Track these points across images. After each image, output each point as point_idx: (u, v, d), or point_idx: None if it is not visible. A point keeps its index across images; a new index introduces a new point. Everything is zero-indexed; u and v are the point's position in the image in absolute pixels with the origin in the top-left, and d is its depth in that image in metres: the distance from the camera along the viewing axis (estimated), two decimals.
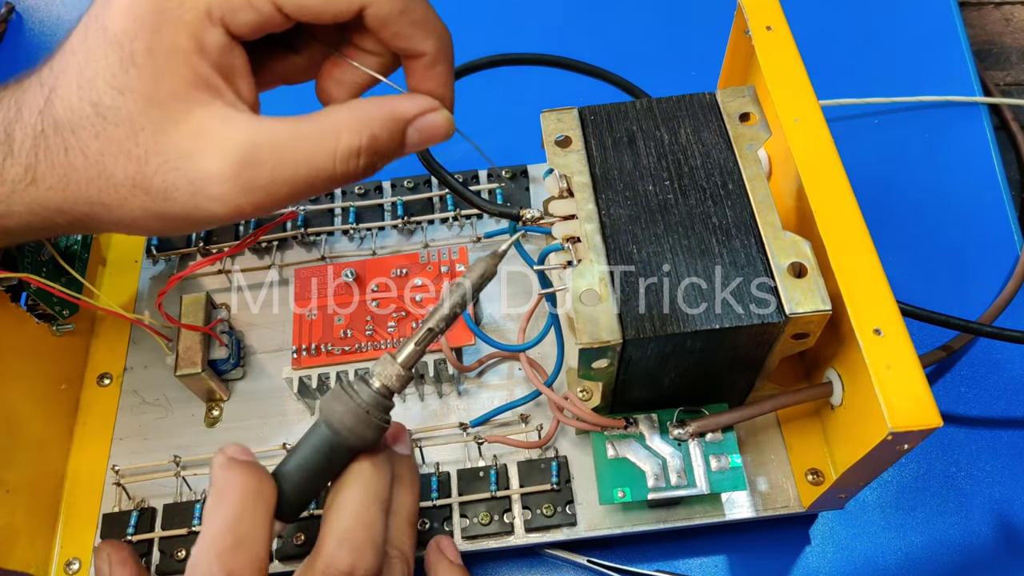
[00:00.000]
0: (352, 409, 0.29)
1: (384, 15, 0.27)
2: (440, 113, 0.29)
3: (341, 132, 0.27)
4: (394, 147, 0.29)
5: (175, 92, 0.26)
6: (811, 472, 0.38)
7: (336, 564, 0.29)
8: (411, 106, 0.29)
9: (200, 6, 0.25)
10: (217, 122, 0.26)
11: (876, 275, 0.31)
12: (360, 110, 0.28)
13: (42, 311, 0.39)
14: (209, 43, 0.26)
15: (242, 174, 0.26)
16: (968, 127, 0.54)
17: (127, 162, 0.26)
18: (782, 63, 0.36)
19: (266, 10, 0.26)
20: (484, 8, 0.61)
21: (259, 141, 0.26)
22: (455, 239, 0.46)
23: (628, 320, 0.31)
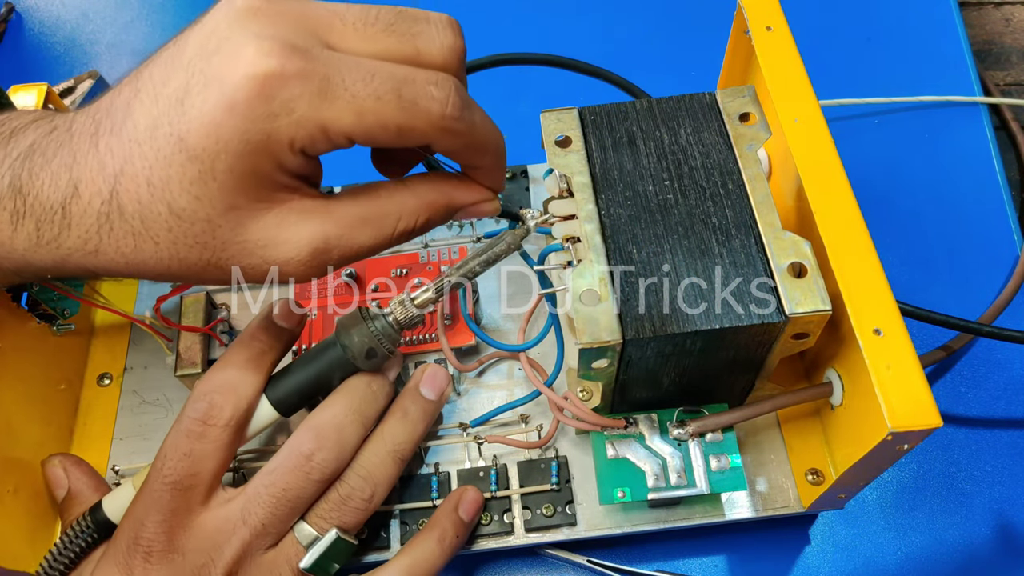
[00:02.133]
0: (362, 332, 0.33)
1: (448, 150, 0.29)
2: (491, 204, 0.32)
3: (401, 215, 0.29)
4: (442, 223, 0.31)
5: (255, 198, 0.27)
6: (811, 472, 0.38)
7: (298, 446, 0.33)
8: (467, 197, 0.31)
9: (283, 140, 0.26)
10: (295, 216, 0.28)
11: (876, 275, 0.31)
12: (419, 194, 0.30)
13: (42, 311, 0.39)
14: (289, 166, 0.27)
15: (315, 259, 0.28)
16: (968, 127, 0.54)
17: (203, 250, 0.28)
18: (782, 63, 0.36)
19: (341, 143, 0.27)
20: (484, 8, 0.61)
21: (329, 232, 0.28)
22: (455, 239, 0.46)
23: (628, 320, 0.31)
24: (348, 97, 0.26)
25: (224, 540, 0.32)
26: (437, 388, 0.37)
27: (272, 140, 0.26)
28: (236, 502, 0.32)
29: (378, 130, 0.26)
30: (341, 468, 0.33)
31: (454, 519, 0.36)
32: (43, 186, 0.27)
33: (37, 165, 0.28)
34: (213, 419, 0.32)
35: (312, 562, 0.33)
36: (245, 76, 0.25)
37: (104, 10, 0.65)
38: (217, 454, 0.32)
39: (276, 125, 0.25)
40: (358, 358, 0.34)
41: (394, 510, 0.38)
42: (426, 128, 0.27)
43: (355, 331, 0.33)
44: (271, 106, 0.25)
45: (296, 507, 0.33)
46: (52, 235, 0.27)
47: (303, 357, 0.35)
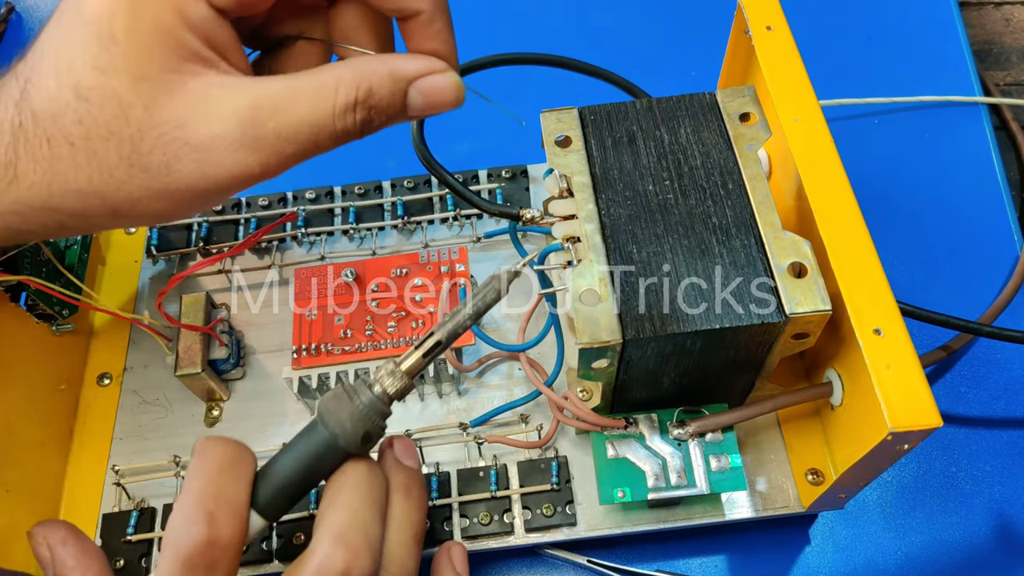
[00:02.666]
0: (350, 411, 0.29)
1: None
2: (447, 75, 0.28)
3: (339, 85, 0.26)
4: (395, 106, 0.28)
5: (165, 66, 0.25)
6: (811, 472, 0.38)
7: (331, 564, 0.27)
8: (413, 64, 0.28)
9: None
10: (215, 88, 0.25)
11: (876, 275, 0.31)
12: (358, 64, 0.27)
13: (42, 311, 0.39)
14: (195, 16, 0.25)
15: (246, 134, 0.25)
16: (968, 127, 0.54)
17: (119, 142, 0.25)
18: (782, 63, 0.36)
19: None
20: (484, 8, 0.61)
21: (258, 102, 0.26)
22: (455, 239, 0.46)
23: (628, 320, 0.31)
24: None
25: None
26: (415, 455, 0.33)
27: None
28: None
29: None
30: (377, 569, 0.29)
31: None
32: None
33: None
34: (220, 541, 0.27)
35: None
36: None
37: None
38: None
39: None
40: (352, 444, 0.29)
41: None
42: None
43: (344, 414, 0.29)
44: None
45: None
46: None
47: (284, 453, 0.30)
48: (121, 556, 0.38)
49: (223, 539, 0.27)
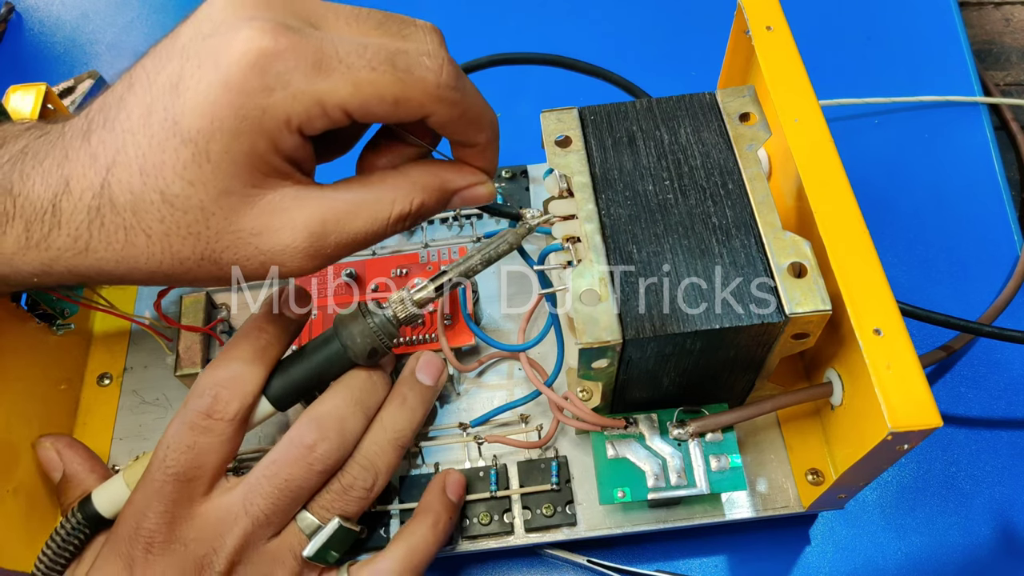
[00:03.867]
0: (360, 328, 0.33)
1: (444, 121, 0.29)
2: (487, 186, 0.31)
3: (395, 199, 0.29)
4: (438, 210, 0.31)
5: (249, 182, 0.27)
6: (811, 472, 0.38)
7: (299, 437, 0.32)
8: (461, 179, 0.31)
9: (280, 116, 0.26)
10: (289, 200, 0.28)
11: (876, 275, 0.31)
12: (412, 178, 0.30)
13: (42, 311, 0.39)
14: (285, 146, 0.27)
15: (312, 245, 0.28)
16: (968, 127, 0.54)
17: (196, 242, 0.27)
18: (782, 63, 0.36)
19: (337, 117, 0.27)
20: (484, 8, 0.61)
21: (326, 216, 0.28)
22: (455, 239, 0.46)
23: (628, 320, 0.31)
24: (343, 69, 0.26)
25: (226, 530, 0.32)
26: (433, 374, 0.37)
27: (268, 116, 0.26)
28: (237, 492, 0.32)
29: (375, 101, 0.26)
30: (343, 458, 0.34)
31: (445, 502, 0.36)
32: (33, 185, 0.27)
33: (28, 166, 0.27)
34: (219, 413, 0.32)
35: (315, 551, 0.33)
36: (240, 52, 0.25)
37: (104, 10, 0.65)
38: (222, 448, 0.32)
39: (272, 100, 0.25)
40: (359, 356, 0.33)
41: (392, 510, 0.38)
42: (422, 97, 0.27)
43: (356, 329, 0.33)
44: (266, 79, 0.25)
45: (298, 497, 0.33)
46: (42, 235, 0.27)
47: (300, 352, 0.34)
48: None
49: (220, 412, 0.32)
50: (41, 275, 0.28)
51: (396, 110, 0.27)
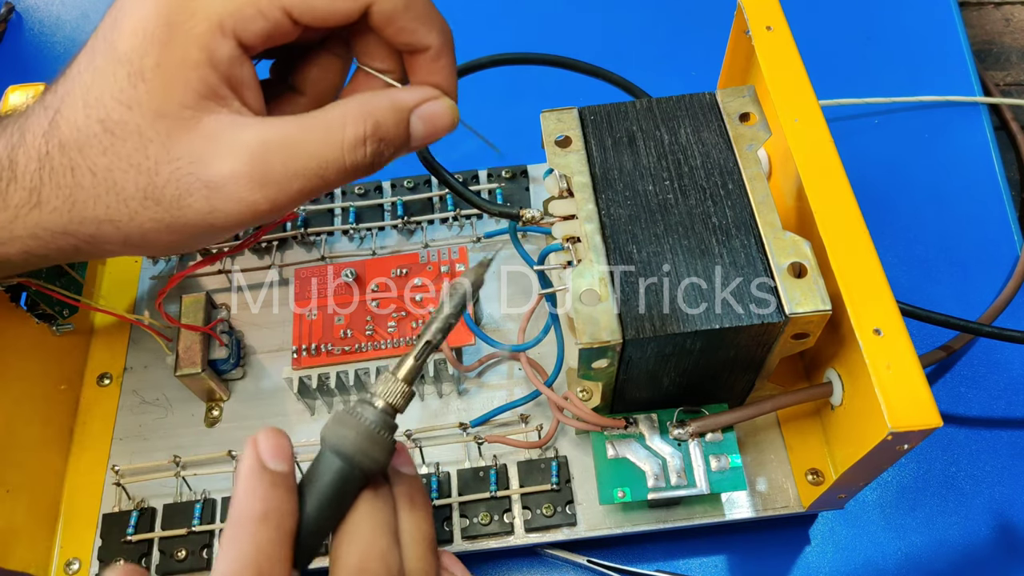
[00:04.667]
0: (364, 432, 0.27)
1: (389, 11, 0.28)
2: (442, 100, 0.30)
3: (346, 122, 0.27)
4: (400, 136, 0.29)
5: (184, 102, 0.26)
6: (811, 472, 0.38)
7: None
8: (412, 95, 0.29)
9: (212, 18, 0.26)
10: (226, 126, 0.26)
11: (876, 275, 0.31)
12: (362, 100, 0.28)
13: (42, 311, 0.39)
14: (219, 54, 0.26)
15: (255, 170, 0.26)
16: (968, 127, 0.54)
17: (137, 175, 0.26)
18: (782, 63, 0.36)
19: (275, 16, 0.26)
20: (484, 8, 0.61)
21: (269, 138, 0.26)
22: (455, 239, 0.46)
23: (628, 320, 0.31)
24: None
25: None
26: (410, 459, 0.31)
27: (198, 18, 0.25)
28: None
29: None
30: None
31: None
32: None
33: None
34: None
35: None
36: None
37: (104, 10, 0.65)
38: None
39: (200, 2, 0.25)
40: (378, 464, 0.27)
41: None
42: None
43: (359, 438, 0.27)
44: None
45: None
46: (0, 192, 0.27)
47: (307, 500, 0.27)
48: (121, 556, 0.38)
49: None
50: (4, 240, 0.28)
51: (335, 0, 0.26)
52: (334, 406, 0.42)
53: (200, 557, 0.38)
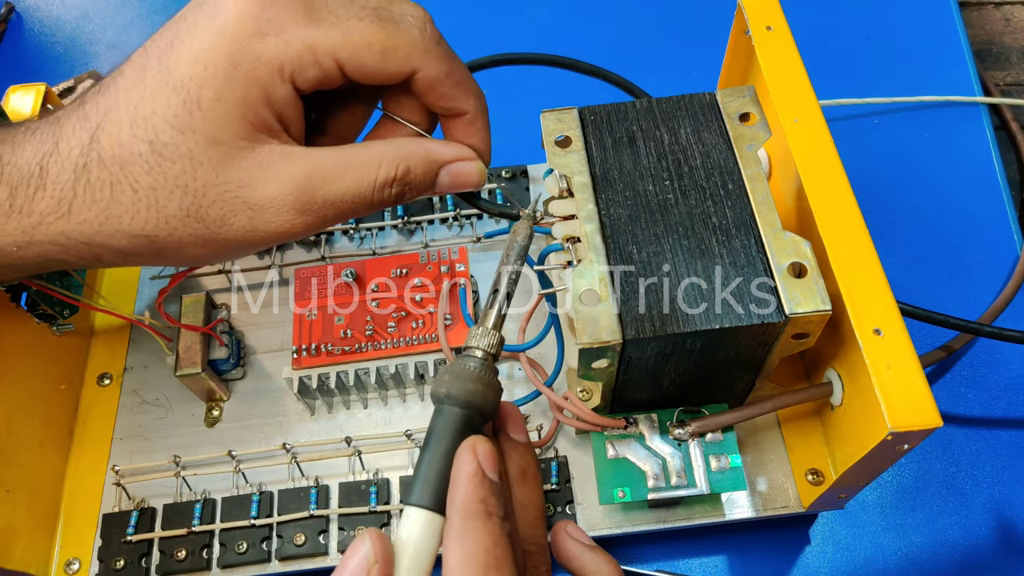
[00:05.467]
0: (475, 377, 0.27)
1: (433, 78, 0.29)
2: (475, 163, 0.32)
3: (381, 163, 0.29)
4: (426, 184, 0.31)
5: (239, 134, 0.27)
6: (811, 472, 0.38)
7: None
8: (447, 151, 0.31)
9: (274, 63, 0.27)
10: (276, 156, 0.28)
11: (876, 275, 0.31)
12: (399, 145, 0.30)
13: (42, 311, 0.39)
14: (276, 95, 0.27)
15: (299, 199, 0.28)
16: (968, 127, 0.54)
17: (183, 195, 0.27)
18: (782, 63, 0.36)
19: (329, 68, 0.28)
20: (484, 8, 0.61)
21: (312, 171, 0.28)
22: (455, 239, 0.46)
23: (628, 320, 0.31)
24: (332, 18, 0.27)
25: None
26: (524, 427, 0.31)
27: (261, 61, 0.26)
28: None
29: (364, 50, 0.27)
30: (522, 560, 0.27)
31: None
32: (23, 153, 0.27)
33: (21, 136, 0.28)
34: None
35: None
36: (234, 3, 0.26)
37: (104, 10, 0.65)
38: None
39: (265, 45, 0.26)
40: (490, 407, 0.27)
41: (393, 510, 0.38)
42: (409, 48, 0.28)
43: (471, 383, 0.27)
44: (259, 25, 0.26)
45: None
46: (26, 198, 0.27)
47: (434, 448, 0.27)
48: (121, 556, 0.38)
49: None
50: (22, 245, 0.28)
51: (384, 61, 0.28)
52: (334, 406, 0.42)
53: (200, 557, 0.38)
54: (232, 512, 0.39)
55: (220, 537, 0.38)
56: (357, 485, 0.39)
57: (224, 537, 0.38)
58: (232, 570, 0.38)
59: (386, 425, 0.41)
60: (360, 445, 0.40)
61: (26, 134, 0.28)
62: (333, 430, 0.41)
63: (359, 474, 0.40)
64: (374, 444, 0.40)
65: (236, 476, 0.39)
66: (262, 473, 0.40)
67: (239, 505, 0.39)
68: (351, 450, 0.39)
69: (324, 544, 0.38)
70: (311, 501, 0.38)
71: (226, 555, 0.38)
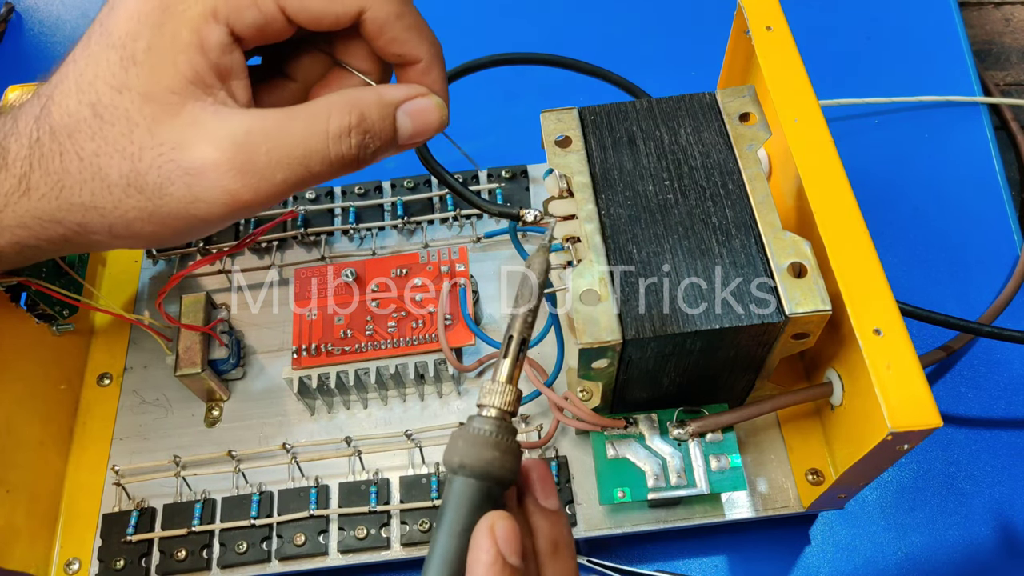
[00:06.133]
0: (491, 443, 0.25)
1: (382, 19, 0.28)
2: (430, 98, 0.29)
3: (331, 112, 0.27)
4: (386, 130, 0.29)
5: (171, 87, 0.26)
6: (811, 472, 0.38)
7: None
8: (399, 91, 0.29)
9: (207, 3, 0.26)
10: (211, 114, 0.26)
11: (876, 275, 0.31)
12: (348, 93, 0.28)
13: (42, 311, 0.39)
14: (210, 40, 0.26)
15: (236, 157, 0.26)
16: (968, 127, 0.54)
17: (121, 160, 0.26)
18: (782, 63, 0.36)
19: (269, 11, 0.26)
20: (484, 8, 0.61)
21: (252, 127, 0.26)
22: (455, 239, 0.46)
23: (628, 320, 0.31)
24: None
25: None
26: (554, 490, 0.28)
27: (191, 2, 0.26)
28: None
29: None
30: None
31: None
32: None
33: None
34: None
35: None
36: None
37: None
38: None
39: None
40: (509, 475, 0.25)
41: (392, 511, 0.38)
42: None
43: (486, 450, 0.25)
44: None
45: None
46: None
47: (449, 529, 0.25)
48: (121, 556, 0.38)
49: None
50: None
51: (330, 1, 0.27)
52: (334, 406, 0.42)
53: (200, 557, 0.38)
54: (232, 512, 0.39)
55: (220, 537, 0.38)
56: (357, 485, 0.39)
57: (224, 537, 0.38)
58: (232, 570, 0.38)
59: (386, 425, 0.41)
60: (360, 445, 0.40)
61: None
62: (333, 430, 0.41)
63: (359, 474, 0.40)
64: (374, 444, 0.40)
65: (236, 476, 0.39)
66: (262, 473, 0.40)
67: (239, 505, 0.39)
68: (351, 450, 0.39)
69: (324, 544, 0.38)
70: (311, 501, 0.38)
71: (226, 555, 0.38)
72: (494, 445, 0.25)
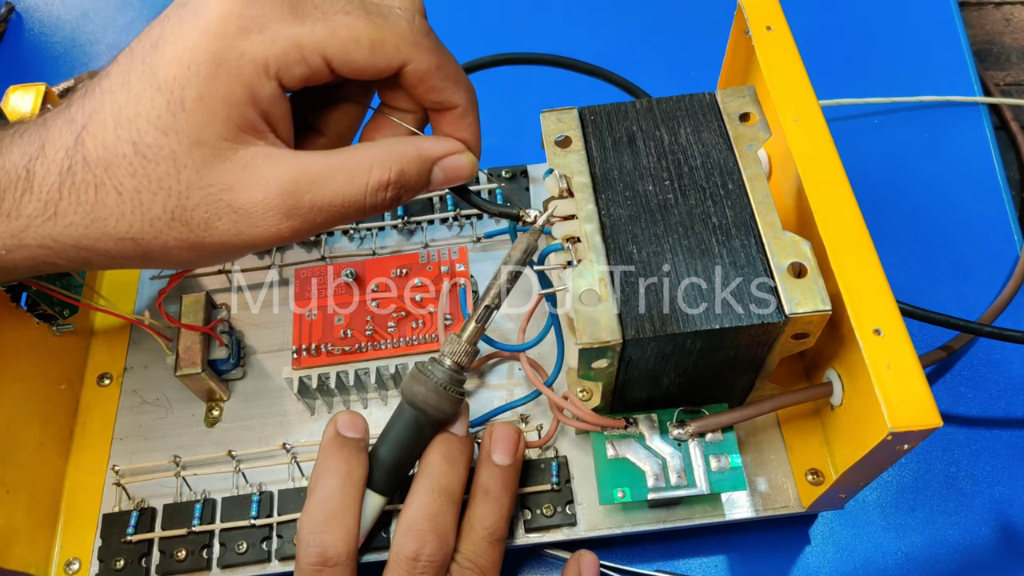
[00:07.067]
0: (432, 387, 0.33)
1: (423, 71, 0.29)
2: (465, 155, 0.31)
3: (372, 166, 0.29)
4: (420, 184, 0.31)
5: (223, 134, 0.27)
6: (811, 472, 0.38)
7: (402, 551, 0.32)
8: (438, 147, 0.31)
9: (259, 59, 0.26)
10: (261, 159, 0.27)
11: (876, 275, 0.31)
12: (390, 146, 0.30)
13: (42, 311, 0.39)
14: (262, 94, 0.27)
15: (284, 203, 0.28)
16: (968, 127, 0.54)
17: (167, 197, 0.27)
18: (782, 63, 0.36)
19: (316, 63, 0.27)
20: (484, 8, 0.61)
21: (299, 175, 0.28)
22: (455, 239, 0.46)
23: (628, 320, 0.31)
24: (318, 13, 0.27)
25: None
26: (510, 449, 0.36)
27: (245, 59, 0.26)
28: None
29: (351, 45, 0.27)
30: (448, 551, 0.33)
31: None
32: (10, 156, 0.27)
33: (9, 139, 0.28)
34: (331, 559, 0.32)
35: None
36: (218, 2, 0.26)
37: (104, 10, 0.65)
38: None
39: (249, 43, 0.26)
40: (440, 415, 0.33)
41: (395, 509, 0.38)
42: (397, 41, 0.28)
43: (425, 391, 0.33)
44: (243, 22, 0.26)
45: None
46: (13, 201, 0.27)
47: (384, 434, 0.34)
48: (121, 556, 0.38)
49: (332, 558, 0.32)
50: (11, 248, 0.28)
51: (373, 56, 0.27)
52: (334, 406, 0.42)
53: (200, 557, 0.38)
54: (232, 512, 0.39)
55: (220, 537, 0.38)
56: None
57: (224, 537, 0.38)
58: (232, 570, 0.38)
59: None
60: None
61: (13, 137, 0.28)
62: None
63: None
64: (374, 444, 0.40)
65: (236, 476, 0.39)
66: (262, 473, 0.40)
67: (239, 505, 0.39)
68: None
69: None
70: None
71: (226, 555, 0.38)
72: (428, 385, 0.33)
